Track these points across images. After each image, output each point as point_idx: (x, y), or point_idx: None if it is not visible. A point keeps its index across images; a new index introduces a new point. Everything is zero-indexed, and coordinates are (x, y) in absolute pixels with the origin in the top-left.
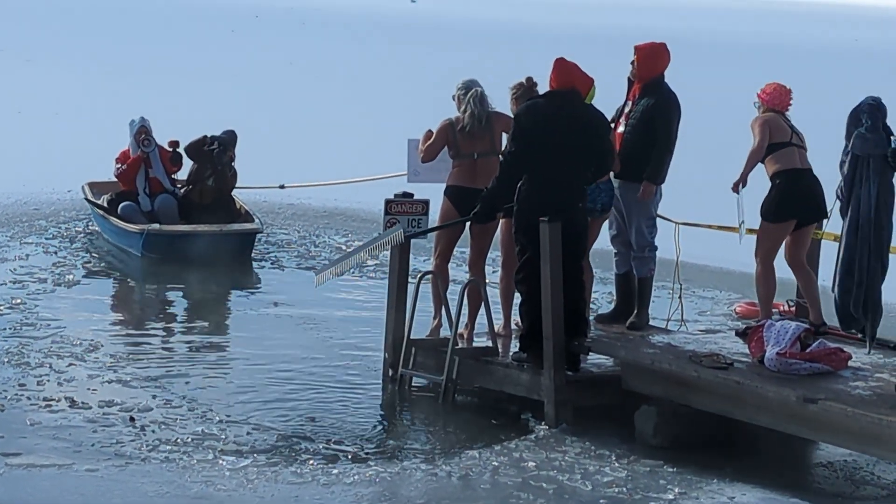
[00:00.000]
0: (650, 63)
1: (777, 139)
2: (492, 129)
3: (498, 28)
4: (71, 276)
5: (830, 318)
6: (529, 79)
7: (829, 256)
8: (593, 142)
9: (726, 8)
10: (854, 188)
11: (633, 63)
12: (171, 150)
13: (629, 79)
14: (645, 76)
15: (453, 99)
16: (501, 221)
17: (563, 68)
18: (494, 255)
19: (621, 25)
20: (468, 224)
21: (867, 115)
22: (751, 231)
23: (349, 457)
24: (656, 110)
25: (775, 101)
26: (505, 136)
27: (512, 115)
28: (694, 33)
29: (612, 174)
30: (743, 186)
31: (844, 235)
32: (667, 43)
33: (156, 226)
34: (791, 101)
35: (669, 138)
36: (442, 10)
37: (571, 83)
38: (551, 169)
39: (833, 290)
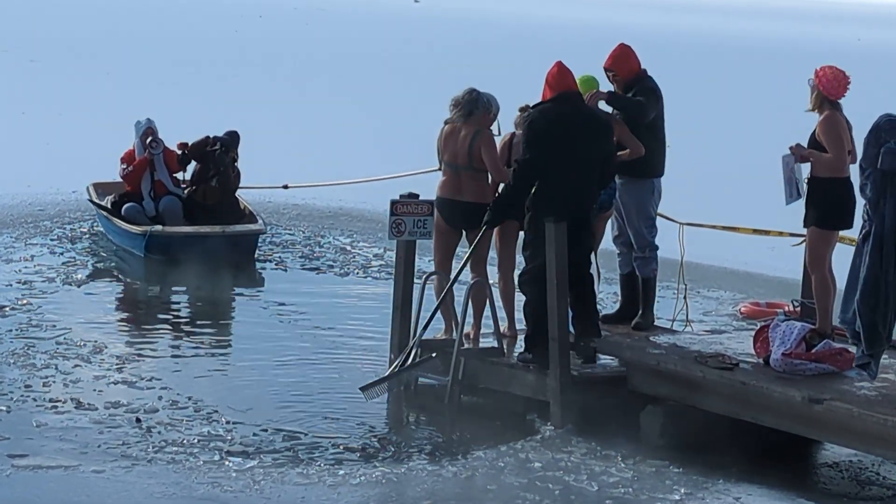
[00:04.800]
0: (625, 66)
1: (846, 148)
2: (472, 145)
3: (500, 27)
4: (76, 278)
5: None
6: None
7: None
8: (601, 144)
9: (727, 6)
10: (879, 206)
11: (614, 79)
12: (179, 152)
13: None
14: (627, 78)
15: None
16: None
17: (563, 71)
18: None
19: (626, 22)
20: (465, 232)
21: (887, 132)
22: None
23: (355, 457)
24: (636, 99)
25: (830, 89)
26: (485, 156)
27: (515, 130)
28: (695, 32)
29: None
30: (796, 160)
31: (868, 254)
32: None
33: (158, 227)
34: (847, 90)
35: (641, 113)
36: (445, 9)
37: (572, 86)
38: (566, 171)
39: (855, 310)
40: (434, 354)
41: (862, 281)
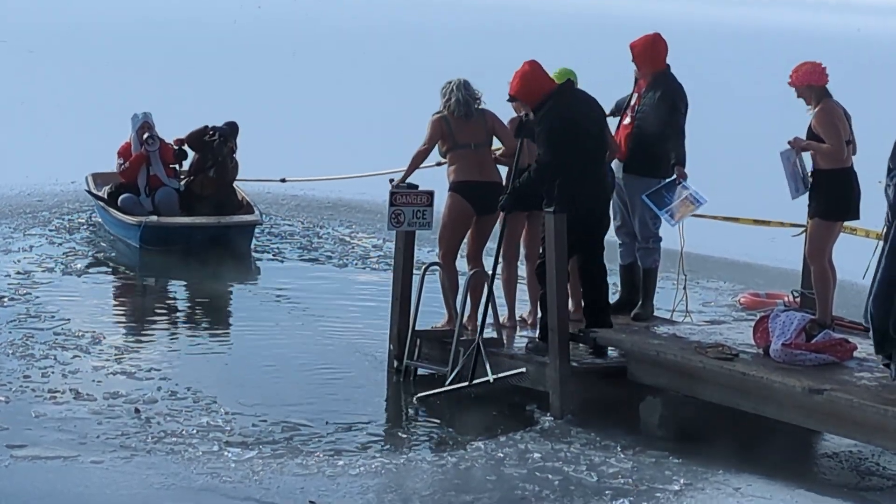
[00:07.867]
0: (649, 57)
1: (844, 137)
2: (485, 120)
3: (499, 22)
4: (75, 268)
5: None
6: None
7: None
8: (602, 127)
9: None
10: None
11: (634, 61)
12: (176, 147)
13: (636, 77)
14: (648, 71)
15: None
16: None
17: (540, 71)
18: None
19: (626, 12)
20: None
21: None
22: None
23: (354, 448)
24: (664, 102)
25: (812, 78)
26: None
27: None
28: (693, 20)
29: (616, 164)
30: (796, 154)
31: (884, 257)
32: (660, 31)
33: (154, 218)
34: (827, 75)
35: (682, 125)
36: (444, 5)
37: (552, 82)
38: (584, 160)
39: (867, 312)
40: (524, 370)
41: (876, 283)
